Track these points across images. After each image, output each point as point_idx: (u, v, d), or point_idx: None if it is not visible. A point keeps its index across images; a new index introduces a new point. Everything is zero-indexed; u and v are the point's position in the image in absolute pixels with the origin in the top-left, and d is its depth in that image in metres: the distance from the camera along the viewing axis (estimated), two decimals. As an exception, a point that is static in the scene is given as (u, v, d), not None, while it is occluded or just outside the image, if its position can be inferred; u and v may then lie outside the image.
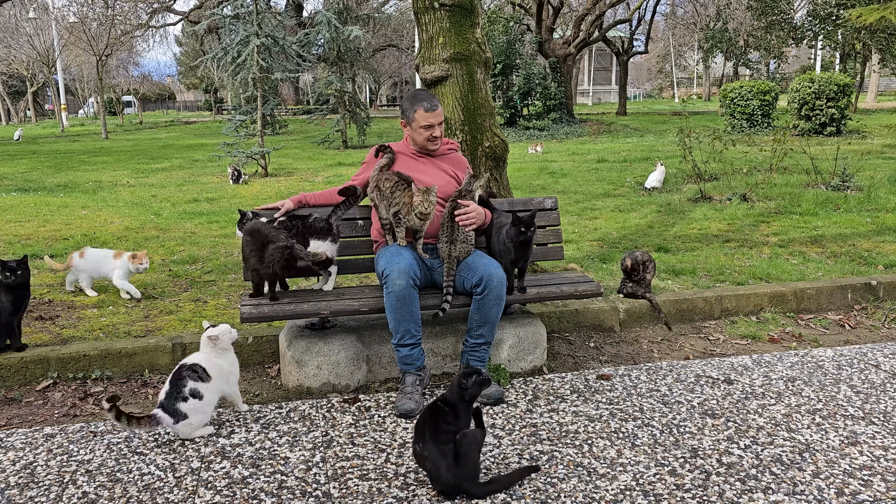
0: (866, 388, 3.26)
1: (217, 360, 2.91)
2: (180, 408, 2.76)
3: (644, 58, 48.54)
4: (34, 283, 4.90)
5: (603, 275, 4.87)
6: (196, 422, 2.81)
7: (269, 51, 12.67)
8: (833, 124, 15.34)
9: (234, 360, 3.01)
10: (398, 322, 3.07)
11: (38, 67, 36.26)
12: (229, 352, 2.98)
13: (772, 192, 8.15)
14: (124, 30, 29.39)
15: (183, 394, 2.77)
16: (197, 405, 2.79)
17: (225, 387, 2.94)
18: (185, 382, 2.79)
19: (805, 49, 34.04)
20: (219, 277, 4.99)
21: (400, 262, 3.05)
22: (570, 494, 2.41)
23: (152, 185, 10.76)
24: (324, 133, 18.52)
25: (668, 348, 3.89)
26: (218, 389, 2.89)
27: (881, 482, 2.47)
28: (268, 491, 2.46)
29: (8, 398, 3.28)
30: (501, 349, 3.48)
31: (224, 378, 2.92)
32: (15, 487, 2.50)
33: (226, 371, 2.94)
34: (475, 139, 4.39)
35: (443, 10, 4.31)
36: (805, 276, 4.81)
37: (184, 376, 2.80)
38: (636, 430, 2.86)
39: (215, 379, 2.87)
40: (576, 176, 10.35)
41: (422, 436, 2.40)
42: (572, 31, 21.80)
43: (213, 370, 2.87)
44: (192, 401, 2.78)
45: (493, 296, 3.10)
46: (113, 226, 7.12)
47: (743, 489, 2.43)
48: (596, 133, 19.21)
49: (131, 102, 49.70)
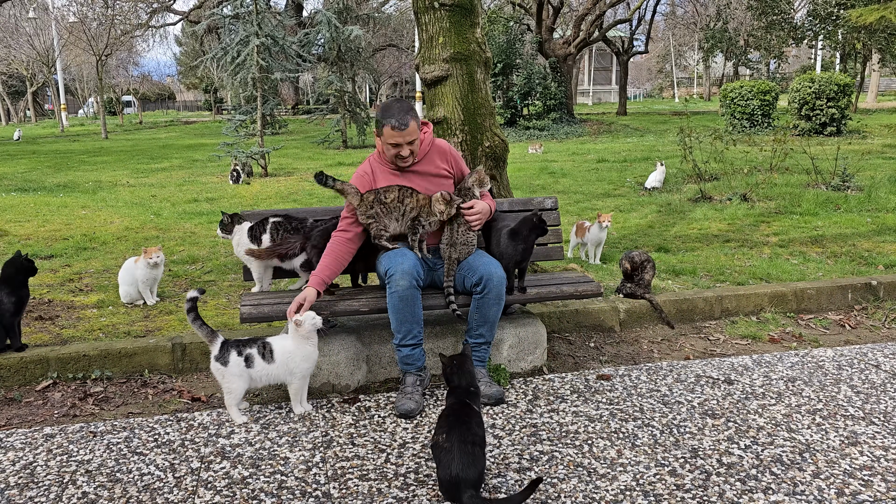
0: (866, 388, 3.26)
1: (291, 346, 2.95)
2: (230, 357, 2.89)
3: (644, 58, 48.55)
4: (34, 283, 4.90)
5: (603, 275, 4.87)
6: (232, 383, 2.91)
7: (269, 51, 12.67)
8: (833, 124, 15.34)
9: (310, 353, 2.99)
10: (400, 322, 3.07)
11: (37, 67, 36.27)
12: (310, 342, 2.98)
13: (772, 192, 8.15)
14: (124, 30, 29.40)
15: (241, 350, 2.90)
16: (240, 369, 2.89)
17: (286, 376, 2.97)
18: (250, 346, 2.93)
19: (805, 49, 34.06)
20: (218, 277, 4.99)
21: (403, 263, 3.04)
22: (570, 495, 2.41)
23: (152, 185, 10.76)
24: (324, 133, 18.53)
25: (668, 348, 3.89)
26: (272, 375, 2.95)
27: (881, 482, 2.47)
28: (268, 491, 2.46)
29: (8, 398, 3.28)
30: (501, 349, 3.47)
31: (285, 366, 2.95)
32: (15, 487, 2.50)
33: (295, 360, 2.95)
34: (475, 139, 4.39)
35: (443, 10, 4.31)
36: (805, 276, 4.80)
37: (256, 343, 2.94)
38: (636, 430, 2.86)
39: (277, 364, 2.94)
40: (576, 176, 10.34)
41: (446, 430, 2.37)
42: (572, 31, 21.80)
43: (279, 355, 2.94)
44: (238, 361, 2.89)
45: (493, 295, 3.10)
46: (113, 226, 7.12)
47: (743, 489, 2.43)
48: (596, 133, 19.20)
49: (131, 102, 49.72)
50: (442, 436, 2.37)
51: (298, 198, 8.84)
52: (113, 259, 5.48)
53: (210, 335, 2.95)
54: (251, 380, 2.95)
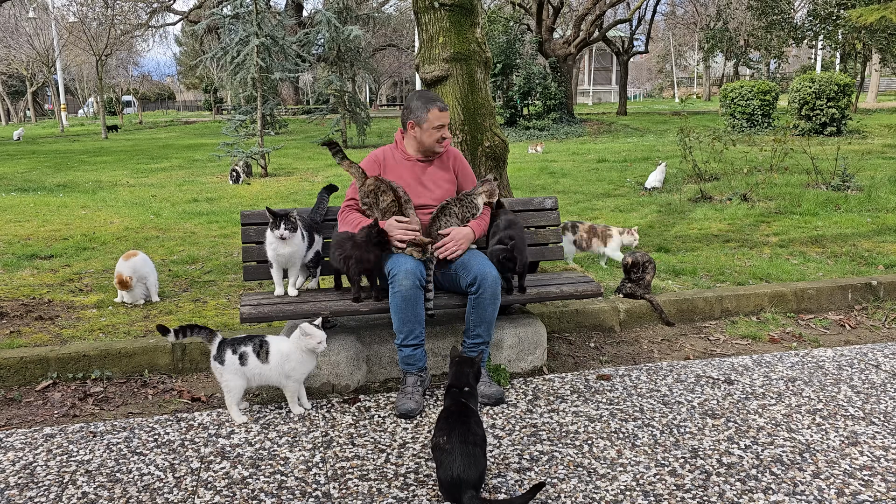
0: (866, 388, 3.26)
1: (289, 350, 2.97)
2: (226, 356, 2.92)
3: (644, 58, 48.55)
4: (33, 282, 4.91)
5: (603, 275, 4.87)
6: (230, 380, 2.93)
7: (269, 51, 12.66)
8: (833, 124, 15.34)
9: (306, 361, 2.99)
10: (403, 322, 3.07)
11: (37, 67, 36.26)
12: (309, 356, 2.99)
13: (772, 192, 8.14)
14: (124, 30, 29.43)
15: (236, 348, 2.93)
16: (235, 367, 2.92)
17: (281, 378, 2.99)
18: (245, 344, 2.95)
19: (805, 49, 34.05)
20: (218, 277, 4.99)
21: (406, 263, 3.05)
22: (570, 495, 2.41)
23: (152, 185, 10.76)
24: (324, 133, 18.53)
25: (668, 348, 3.89)
26: (263, 376, 2.97)
27: (881, 482, 2.47)
28: (267, 491, 2.46)
29: (8, 398, 3.28)
30: (501, 349, 3.47)
31: (280, 369, 2.97)
32: (15, 487, 2.50)
33: (289, 365, 2.97)
34: (475, 139, 4.39)
35: (443, 10, 4.30)
36: (805, 276, 4.80)
37: (252, 342, 2.96)
38: (636, 430, 2.86)
39: (272, 365, 2.96)
40: (576, 176, 10.34)
41: (447, 432, 2.37)
42: (572, 31, 21.80)
43: (275, 357, 2.96)
44: (233, 359, 2.92)
45: (488, 295, 3.09)
46: (113, 226, 7.12)
47: (743, 489, 2.43)
48: (596, 133, 19.20)
49: (131, 102, 49.71)
50: (442, 437, 2.37)
51: (298, 198, 8.84)
52: (113, 259, 5.47)
53: (209, 335, 2.96)
54: (247, 378, 2.96)
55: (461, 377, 2.60)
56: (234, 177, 10.75)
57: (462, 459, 2.28)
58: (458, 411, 2.44)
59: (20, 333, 3.85)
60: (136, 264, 4.29)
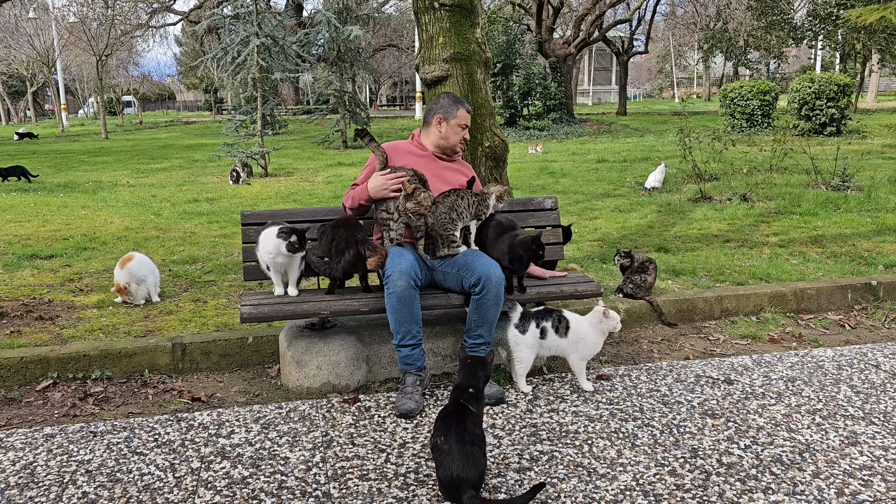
0: (866, 388, 3.26)
1: (587, 329, 3.19)
2: (529, 325, 3.16)
3: (644, 58, 48.55)
4: (34, 282, 4.91)
5: (603, 275, 4.87)
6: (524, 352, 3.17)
7: (269, 51, 12.67)
8: (833, 124, 15.34)
9: (596, 341, 3.23)
10: (399, 323, 3.07)
11: (38, 67, 36.27)
12: (601, 337, 3.24)
13: (772, 192, 8.15)
14: (124, 30, 29.43)
15: (539, 321, 3.16)
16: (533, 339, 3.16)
17: (572, 354, 3.21)
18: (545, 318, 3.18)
19: (805, 49, 34.04)
20: (219, 277, 4.99)
21: (401, 263, 3.05)
22: (570, 494, 2.41)
23: (152, 185, 10.77)
24: (324, 133, 18.54)
25: (668, 348, 3.89)
26: (559, 348, 3.20)
27: (881, 482, 2.47)
28: (268, 491, 2.46)
29: (8, 398, 3.28)
30: (502, 349, 3.47)
31: (574, 347, 3.19)
32: (15, 487, 2.50)
33: (585, 343, 3.20)
34: (475, 139, 4.38)
35: (443, 10, 4.30)
36: (805, 276, 4.80)
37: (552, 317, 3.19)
38: (636, 430, 2.86)
39: (569, 340, 3.18)
40: (576, 176, 10.35)
41: (444, 432, 2.37)
42: (572, 31, 21.80)
43: (573, 333, 3.18)
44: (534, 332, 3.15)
45: (492, 296, 3.10)
46: (113, 226, 7.12)
47: (743, 489, 2.43)
48: (596, 133, 19.21)
49: (131, 102, 49.72)
50: (440, 437, 2.37)
51: (299, 198, 8.84)
52: (113, 259, 5.47)
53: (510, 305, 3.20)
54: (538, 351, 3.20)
55: (473, 379, 2.57)
56: (234, 177, 10.75)
57: (461, 459, 2.28)
58: (454, 411, 2.44)
59: (20, 333, 3.86)
60: (132, 269, 4.30)
